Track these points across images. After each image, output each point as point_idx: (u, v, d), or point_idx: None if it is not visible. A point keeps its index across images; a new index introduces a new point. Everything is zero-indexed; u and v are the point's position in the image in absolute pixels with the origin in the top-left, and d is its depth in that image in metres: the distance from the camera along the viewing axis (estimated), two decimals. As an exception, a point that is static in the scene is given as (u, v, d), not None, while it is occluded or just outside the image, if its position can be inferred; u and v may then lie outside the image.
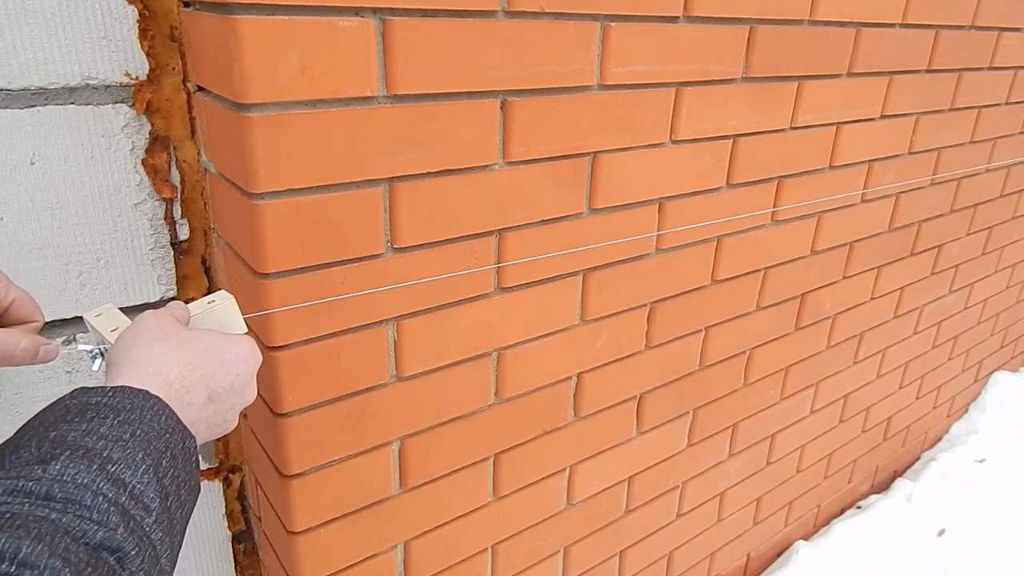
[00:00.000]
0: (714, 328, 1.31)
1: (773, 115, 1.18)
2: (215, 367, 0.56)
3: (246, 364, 0.60)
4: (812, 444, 1.80)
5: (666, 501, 1.44)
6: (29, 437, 0.44)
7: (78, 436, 0.44)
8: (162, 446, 0.47)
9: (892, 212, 1.59)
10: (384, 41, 0.73)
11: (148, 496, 0.45)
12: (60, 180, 0.79)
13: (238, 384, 0.59)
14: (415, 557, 1.03)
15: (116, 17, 0.77)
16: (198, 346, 0.57)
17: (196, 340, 0.57)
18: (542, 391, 1.08)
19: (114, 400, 0.47)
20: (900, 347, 1.92)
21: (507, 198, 0.90)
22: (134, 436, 0.46)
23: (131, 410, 0.47)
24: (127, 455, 0.45)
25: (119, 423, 0.46)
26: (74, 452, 0.43)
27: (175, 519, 0.48)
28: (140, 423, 0.47)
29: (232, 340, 0.60)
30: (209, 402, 0.56)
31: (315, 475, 0.87)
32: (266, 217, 0.72)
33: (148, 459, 0.46)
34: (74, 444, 0.43)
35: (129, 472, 0.44)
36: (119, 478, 0.43)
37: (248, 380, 0.60)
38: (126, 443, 0.45)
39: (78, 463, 0.42)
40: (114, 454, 0.44)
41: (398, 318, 0.86)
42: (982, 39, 1.55)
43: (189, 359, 0.55)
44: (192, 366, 0.55)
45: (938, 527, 2.07)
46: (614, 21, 0.89)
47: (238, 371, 0.58)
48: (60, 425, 0.45)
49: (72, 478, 0.41)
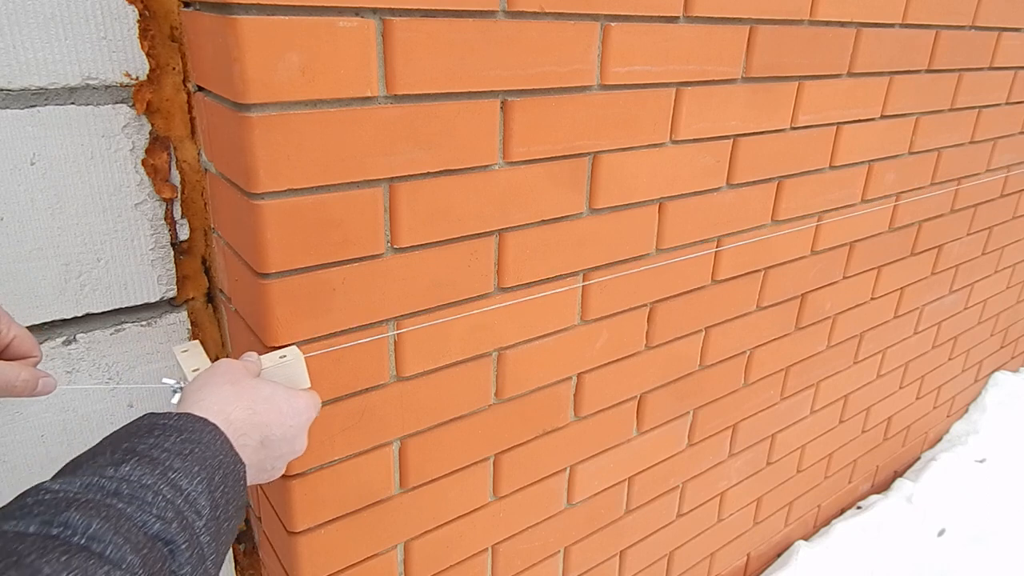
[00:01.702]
0: (714, 328, 1.31)
1: (773, 115, 1.18)
2: (272, 415, 0.64)
3: (300, 417, 0.67)
4: (812, 444, 1.80)
5: (666, 501, 1.44)
6: (105, 446, 0.52)
7: (146, 448, 0.51)
8: (216, 464, 0.54)
9: (892, 212, 1.59)
10: (384, 41, 0.73)
11: (200, 503, 0.51)
12: (60, 180, 0.79)
13: (290, 435, 0.65)
14: (415, 557, 1.03)
15: (116, 17, 0.77)
16: (260, 394, 0.64)
17: (260, 388, 0.65)
18: (542, 391, 1.08)
19: (179, 422, 0.55)
20: (900, 347, 1.92)
21: (507, 198, 0.90)
22: (192, 453, 0.53)
23: (192, 431, 0.54)
24: (185, 466, 0.51)
25: (181, 441, 0.53)
26: (141, 459, 0.50)
27: (222, 529, 0.53)
28: (199, 443, 0.54)
29: (292, 393, 0.68)
30: (261, 447, 0.62)
31: (315, 475, 0.87)
32: (266, 217, 0.72)
33: (203, 472, 0.52)
34: (142, 453, 0.51)
35: (186, 480, 0.51)
36: (177, 484, 0.50)
37: (300, 432, 0.67)
38: (185, 456, 0.52)
39: (144, 467, 0.49)
40: (175, 464, 0.51)
41: (398, 318, 0.86)
42: (982, 39, 1.55)
43: (250, 404, 0.62)
44: (252, 411, 0.62)
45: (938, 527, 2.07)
46: (614, 21, 0.89)
47: (292, 422, 0.66)
48: (131, 439, 0.52)
49: (138, 479, 0.48)
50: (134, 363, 0.91)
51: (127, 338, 0.89)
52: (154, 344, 0.92)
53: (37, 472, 0.88)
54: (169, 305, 0.92)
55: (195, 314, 0.95)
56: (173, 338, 0.93)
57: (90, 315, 0.86)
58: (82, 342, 0.86)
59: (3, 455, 0.86)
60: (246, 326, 0.85)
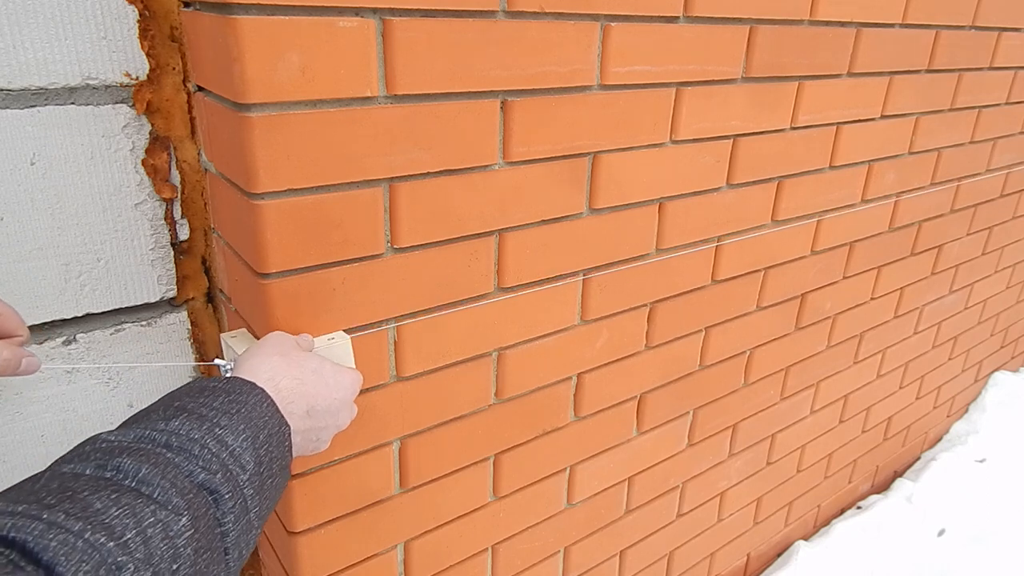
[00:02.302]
0: (714, 328, 1.31)
1: (773, 115, 1.18)
2: (319, 387, 0.66)
3: (346, 391, 0.70)
4: (812, 444, 1.80)
5: (666, 501, 1.45)
6: (158, 405, 0.55)
7: (195, 406, 0.55)
8: (261, 424, 0.57)
9: (892, 212, 1.59)
10: (384, 41, 0.73)
11: (245, 458, 0.54)
12: (60, 180, 0.79)
13: (335, 407, 0.68)
14: (415, 557, 1.03)
15: (116, 17, 0.77)
16: (308, 366, 0.67)
17: (308, 361, 0.67)
18: (542, 391, 1.08)
19: (227, 385, 0.58)
20: (900, 347, 1.92)
21: (507, 198, 0.90)
22: (239, 412, 0.56)
23: (240, 392, 0.58)
24: (232, 423, 0.54)
25: (229, 401, 0.56)
26: (190, 415, 0.53)
27: (266, 485, 0.56)
28: (245, 404, 0.57)
29: (338, 368, 0.71)
30: (307, 417, 0.65)
31: (315, 475, 0.87)
32: (266, 217, 0.72)
33: (248, 431, 0.55)
34: (192, 411, 0.54)
35: (232, 437, 0.54)
36: (223, 439, 0.53)
37: (344, 405, 0.70)
38: (232, 415, 0.55)
39: (192, 422, 0.53)
40: (222, 421, 0.54)
41: (398, 318, 0.86)
42: (982, 39, 1.55)
43: (298, 374, 0.65)
44: (300, 380, 0.64)
45: (938, 527, 2.07)
46: (614, 21, 0.89)
47: (337, 395, 0.68)
48: (183, 397, 0.56)
49: (187, 432, 0.52)
50: (134, 363, 0.91)
51: (127, 338, 0.89)
52: (154, 344, 0.92)
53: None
54: (169, 305, 0.92)
55: (195, 314, 0.95)
56: (173, 338, 0.93)
57: (90, 315, 0.86)
58: (82, 342, 0.86)
59: (3, 455, 0.86)
60: (246, 326, 0.85)
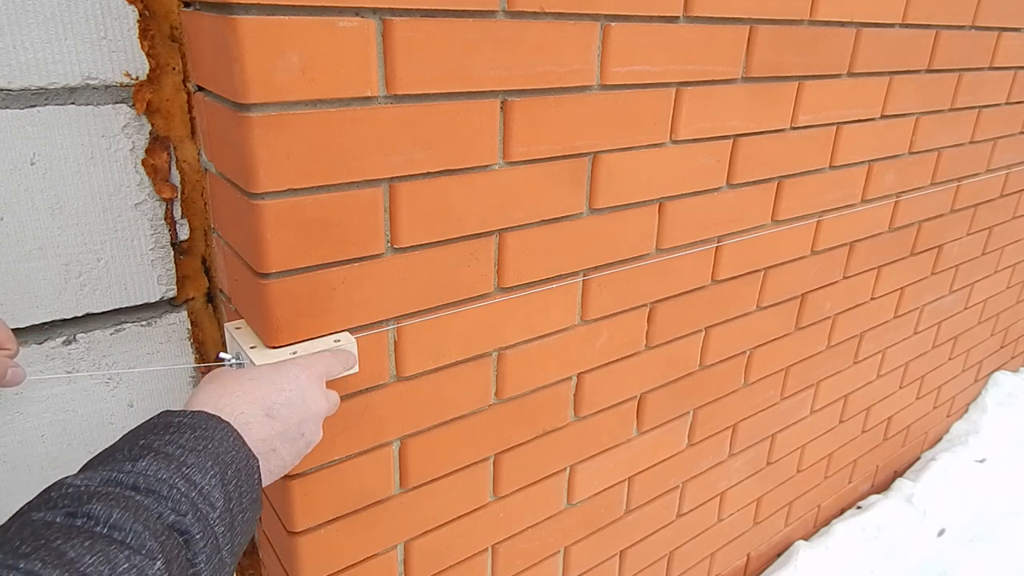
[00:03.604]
0: (714, 328, 1.31)
1: (773, 115, 1.18)
2: (265, 388, 0.65)
3: (297, 380, 0.68)
4: (812, 444, 1.80)
5: (666, 501, 1.45)
6: (123, 444, 0.54)
7: (161, 444, 0.54)
8: (228, 459, 0.56)
9: (892, 212, 1.59)
10: (384, 41, 0.73)
11: (214, 496, 0.53)
12: (60, 180, 0.79)
13: (295, 397, 0.66)
14: (415, 557, 1.03)
15: (116, 17, 0.77)
16: (245, 376, 0.66)
17: (245, 373, 0.67)
18: (542, 391, 1.08)
19: (192, 420, 0.57)
20: (900, 347, 1.92)
21: (507, 198, 0.90)
22: (206, 448, 0.55)
23: (205, 428, 0.57)
24: (199, 461, 0.54)
25: (195, 437, 0.55)
26: (157, 454, 0.53)
27: (236, 521, 0.56)
28: (212, 439, 0.56)
29: (280, 364, 0.69)
30: (269, 418, 0.64)
31: (315, 475, 0.87)
32: (266, 217, 0.72)
33: (216, 467, 0.55)
34: (158, 450, 0.53)
35: (199, 475, 0.53)
36: (191, 478, 0.52)
37: (306, 392, 0.68)
38: (199, 452, 0.54)
39: (159, 462, 0.52)
40: (188, 459, 0.53)
41: (398, 318, 0.86)
42: (982, 39, 1.55)
43: (238, 387, 0.64)
44: (242, 391, 0.64)
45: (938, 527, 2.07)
46: (614, 21, 0.89)
47: (291, 387, 0.67)
48: (147, 435, 0.55)
49: (154, 473, 0.51)
50: (134, 363, 0.91)
51: (127, 338, 0.89)
52: (154, 344, 0.92)
53: (37, 472, 0.88)
54: (169, 305, 0.92)
55: (195, 314, 0.95)
56: (173, 338, 0.93)
57: (90, 315, 0.86)
58: (82, 342, 0.86)
59: (3, 455, 0.86)
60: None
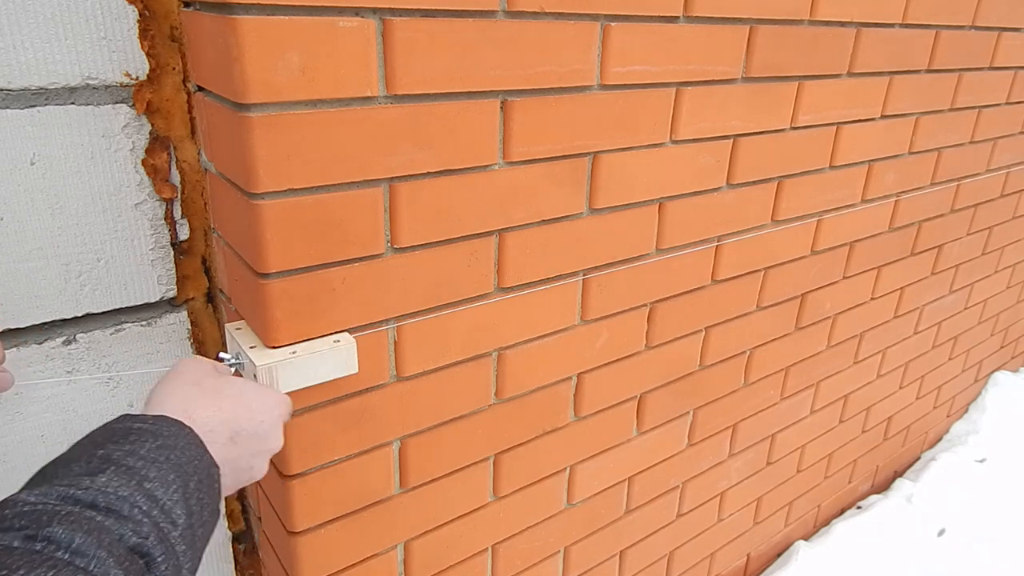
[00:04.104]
0: (714, 328, 1.31)
1: (773, 115, 1.18)
2: (240, 411, 0.62)
3: (272, 412, 0.65)
4: (812, 444, 1.80)
5: (666, 501, 1.44)
6: (79, 453, 0.51)
7: (121, 455, 0.50)
8: (191, 470, 0.54)
9: (892, 212, 1.59)
10: (384, 41, 0.73)
11: (176, 512, 0.51)
12: (60, 180, 0.79)
13: (262, 430, 0.64)
14: (415, 557, 1.03)
15: (116, 17, 0.77)
16: (226, 391, 0.63)
17: (226, 386, 0.63)
18: (542, 391, 1.08)
19: (154, 427, 0.54)
20: (900, 347, 1.92)
21: (507, 198, 0.90)
22: (168, 460, 0.52)
23: (168, 436, 0.54)
24: (161, 475, 0.51)
25: (157, 447, 0.52)
26: (117, 468, 0.49)
27: (197, 536, 0.53)
28: (174, 449, 0.53)
29: (262, 390, 0.67)
30: (231, 443, 0.61)
31: (315, 475, 0.87)
32: (266, 217, 0.72)
33: (178, 480, 0.52)
34: (118, 462, 0.50)
35: (162, 490, 0.50)
36: (153, 494, 0.50)
37: (272, 428, 0.65)
38: (161, 464, 0.52)
39: (120, 477, 0.49)
40: (150, 473, 0.51)
41: (398, 318, 0.86)
42: (982, 39, 1.55)
43: (214, 402, 0.61)
44: (217, 408, 0.61)
45: (938, 527, 2.07)
46: (614, 21, 0.89)
47: (263, 418, 0.64)
48: (107, 444, 0.51)
49: (114, 490, 0.48)
50: (134, 363, 0.91)
51: (127, 338, 0.89)
52: (154, 344, 0.92)
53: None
54: (169, 305, 0.92)
55: (195, 314, 0.95)
56: (173, 338, 0.93)
57: (90, 315, 0.86)
58: (82, 342, 0.86)
59: (3, 455, 0.86)
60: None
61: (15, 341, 0.82)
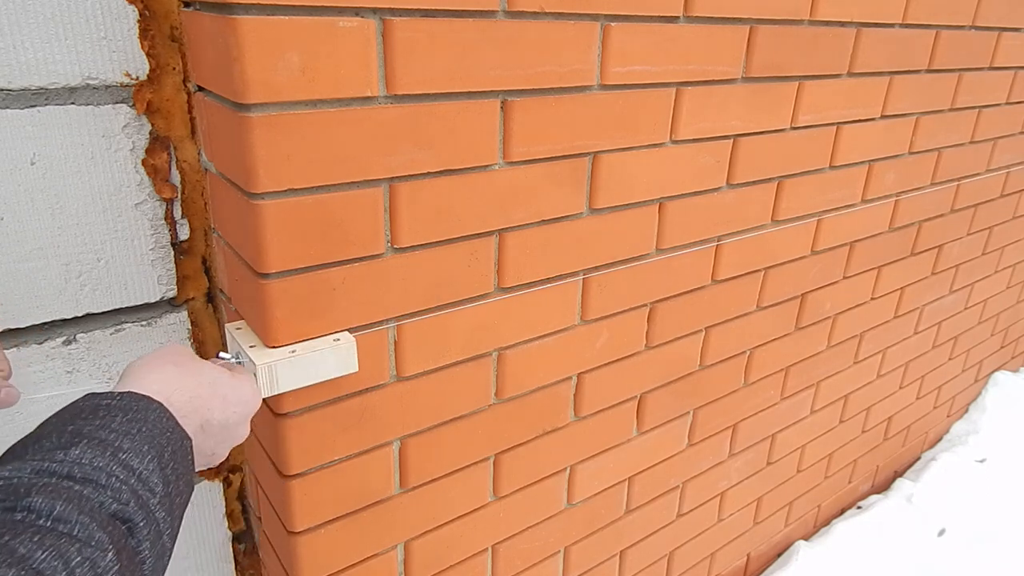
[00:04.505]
0: (714, 328, 1.31)
1: (773, 115, 1.18)
2: (215, 401, 0.62)
3: (245, 406, 0.66)
4: (812, 444, 1.80)
5: (666, 501, 1.44)
6: (49, 431, 0.50)
7: (92, 429, 0.50)
8: (164, 441, 0.53)
9: (892, 212, 1.59)
10: (384, 41, 0.73)
11: (153, 481, 0.51)
12: (60, 180, 0.79)
13: (232, 421, 0.64)
14: (415, 557, 1.03)
15: (116, 17, 0.77)
16: (203, 378, 0.62)
17: (203, 372, 0.63)
18: (542, 391, 1.08)
19: (122, 402, 0.54)
20: (900, 347, 1.92)
21: (507, 198, 0.90)
22: (140, 432, 0.52)
23: (137, 410, 0.53)
24: (135, 445, 0.51)
25: (127, 420, 0.52)
26: (90, 441, 0.49)
27: (175, 504, 0.53)
28: (145, 421, 0.53)
29: (237, 380, 0.66)
30: (200, 431, 0.61)
31: (315, 475, 0.87)
32: (266, 217, 0.72)
33: (152, 451, 0.52)
34: (90, 435, 0.49)
35: (137, 460, 0.50)
36: (128, 464, 0.50)
37: (242, 420, 0.66)
38: (134, 436, 0.51)
39: (94, 449, 0.49)
40: (124, 444, 0.50)
41: (398, 318, 0.86)
42: (982, 39, 1.55)
43: (193, 387, 0.61)
44: (194, 394, 0.60)
45: (938, 527, 2.07)
46: (614, 21, 0.89)
47: (235, 409, 0.64)
48: (76, 420, 0.51)
49: (89, 461, 0.48)
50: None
51: (127, 338, 0.89)
52: (154, 344, 0.92)
53: (37, 472, 0.88)
54: (169, 305, 0.92)
55: (195, 314, 0.95)
56: (173, 338, 0.93)
57: (90, 315, 0.86)
58: (82, 342, 0.86)
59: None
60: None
61: (15, 341, 0.82)
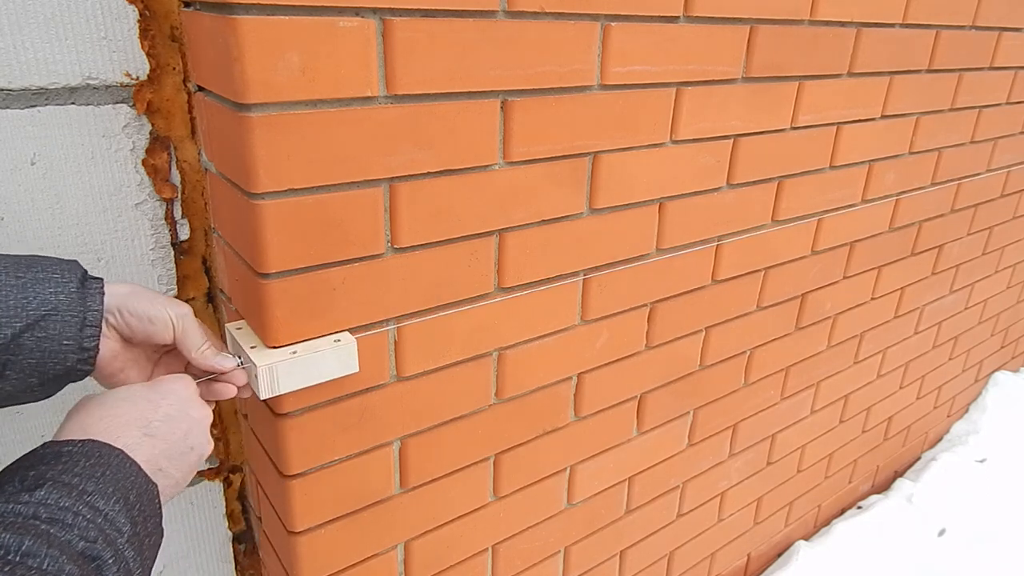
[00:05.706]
0: (714, 328, 1.31)
1: (773, 115, 1.18)
2: (138, 406, 0.61)
3: (174, 393, 0.65)
4: (812, 444, 1.80)
5: (666, 501, 1.45)
6: (10, 476, 0.50)
7: (55, 473, 0.50)
8: (129, 484, 0.54)
9: (892, 212, 1.59)
10: (384, 41, 0.73)
11: (120, 521, 0.51)
12: (60, 180, 0.79)
13: (174, 411, 0.63)
14: (415, 557, 1.03)
15: (116, 17, 0.77)
16: (114, 398, 0.62)
17: (112, 395, 0.62)
18: (542, 391, 1.08)
19: (84, 448, 0.54)
20: (900, 347, 1.92)
21: (507, 198, 0.90)
22: (104, 475, 0.52)
23: (100, 456, 0.54)
24: (100, 488, 0.51)
25: (91, 465, 0.52)
26: (55, 483, 0.49)
27: (144, 545, 0.54)
28: (108, 466, 0.53)
29: (157, 381, 0.66)
30: (149, 437, 0.60)
31: (315, 475, 0.87)
32: (266, 217, 0.72)
33: (118, 492, 0.52)
34: (53, 479, 0.50)
35: (102, 501, 0.51)
36: (94, 505, 0.50)
37: (183, 405, 0.64)
38: (98, 479, 0.52)
39: (59, 491, 0.49)
40: (88, 487, 0.51)
41: (398, 318, 0.86)
42: (982, 39, 1.55)
43: (106, 411, 0.60)
44: (112, 415, 0.59)
45: (938, 527, 2.07)
46: (614, 21, 0.89)
47: (169, 401, 0.63)
48: (38, 466, 0.51)
49: (55, 502, 0.48)
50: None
51: (127, 338, 0.89)
52: (154, 344, 0.92)
53: (37, 472, 0.88)
54: (169, 305, 0.92)
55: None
56: (173, 338, 0.93)
57: (90, 315, 0.86)
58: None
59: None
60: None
61: (15, 341, 0.82)
